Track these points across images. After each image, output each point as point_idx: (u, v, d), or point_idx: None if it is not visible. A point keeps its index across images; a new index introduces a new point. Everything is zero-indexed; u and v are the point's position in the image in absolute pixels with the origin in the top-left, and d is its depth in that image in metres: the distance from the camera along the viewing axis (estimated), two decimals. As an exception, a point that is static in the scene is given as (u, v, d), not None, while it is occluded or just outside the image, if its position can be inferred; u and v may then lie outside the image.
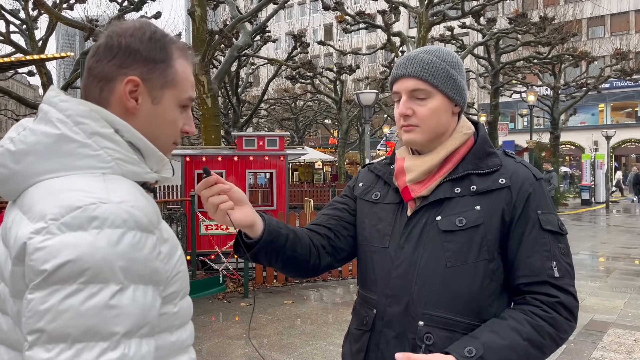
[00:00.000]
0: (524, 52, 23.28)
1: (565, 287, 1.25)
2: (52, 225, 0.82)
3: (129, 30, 1.00)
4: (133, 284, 0.85)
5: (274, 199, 8.37)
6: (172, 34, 1.22)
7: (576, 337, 5.13)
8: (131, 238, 0.85)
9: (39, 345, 0.80)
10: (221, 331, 5.39)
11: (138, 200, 0.90)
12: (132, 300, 0.84)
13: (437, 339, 1.25)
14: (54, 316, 0.79)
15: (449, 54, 1.36)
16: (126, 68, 0.97)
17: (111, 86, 0.98)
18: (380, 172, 1.46)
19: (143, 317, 0.85)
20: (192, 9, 10.08)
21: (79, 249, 0.81)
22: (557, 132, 24.50)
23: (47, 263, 0.80)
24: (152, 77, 0.99)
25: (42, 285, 0.80)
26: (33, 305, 0.81)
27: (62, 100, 0.95)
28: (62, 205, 0.84)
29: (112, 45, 0.98)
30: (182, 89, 1.03)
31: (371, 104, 10.36)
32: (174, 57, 1.02)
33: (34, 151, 0.91)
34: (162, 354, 0.95)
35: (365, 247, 1.41)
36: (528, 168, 1.35)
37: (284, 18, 48.60)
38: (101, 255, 0.82)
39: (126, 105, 0.98)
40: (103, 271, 0.81)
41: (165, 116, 1.02)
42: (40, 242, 0.82)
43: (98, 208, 0.84)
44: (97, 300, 0.81)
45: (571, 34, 19.54)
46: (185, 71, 1.05)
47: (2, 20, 14.96)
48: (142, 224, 0.88)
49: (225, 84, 17.59)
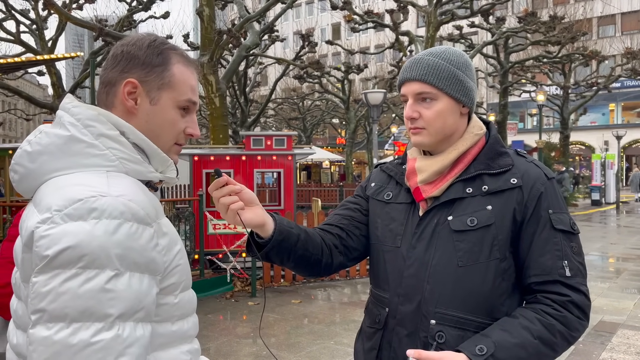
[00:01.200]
0: (534, 51, 23.15)
1: (576, 286, 1.25)
2: (56, 216, 0.90)
3: (132, 40, 1.10)
4: (129, 271, 0.91)
5: (281, 199, 8.38)
6: (180, 34, 1.29)
7: (585, 338, 5.09)
8: (127, 228, 0.92)
9: (41, 323, 0.87)
10: (229, 330, 5.42)
11: (137, 195, 0.97)
12: (127, 285, 0.90)
13: (449, 337, 1.25)
14: (54, 297, 0.87)
15: (455, 54, 1.36)
16: (127, 72, 1.07)
17: (115, 90, 1.08)
18: (392, 172, 1.47)
19: (138, 302, 0.92)
20: (200, 9, 10.11)
21: (78, 237, 0.88)
22: (566, 131, 24.35)
23: (49, 249, 0.88)
24: (150, 79, 1.07)
25: (45, 269, 0.88)
26: (37, 287, 0.88)
27: (74, 105, 1.04)
28: (66, 198, 0.92)
29: (116, 54, 1.09)
30: (180, 91, 1.10)
31: (379, 104, 10.35)
32: (172, 62, 1.10)
33: (47, 151, 1.01)
34: (163, 341, 1.02)
35: (378, 247, 1.42)
36: (540, 167, 1.35)
37: (292, 17, 48.64)
38: (98, 243, 0.89)
39: (126, 106, 1.07)
40: (100, 257, 0.88)
41: (164, 116, 1.09)
42: (45, 231, 0.90)
43: (97, 200, 0.91)
44: (93, 284, 0.87)
45: (581, 33, 19.40)
46: (184, 75, 1.11)
47: (13, 20, 15.10)
48: (139, 216, 0.94)
49: (233, 84, 17.64)
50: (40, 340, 0.86)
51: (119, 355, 0.88)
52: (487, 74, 25.11)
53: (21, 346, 0.99)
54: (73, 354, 0.85)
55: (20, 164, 1.03)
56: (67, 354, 0.85)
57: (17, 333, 1.02)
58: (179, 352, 1.05)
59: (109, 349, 0.87)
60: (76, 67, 29.22)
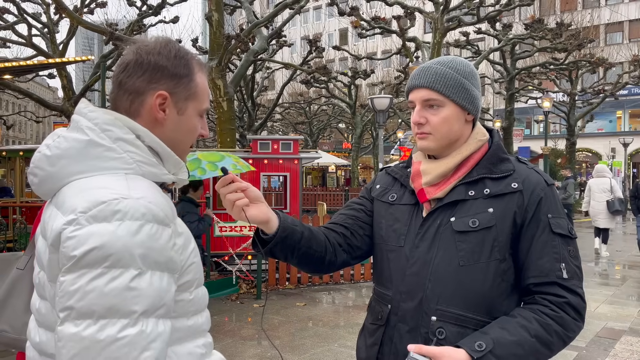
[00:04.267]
0: (540, 58, 23.13)
1: (573, 288, 1.30)
2: (81, 218, 0.94)
3: (156, 48, 1.11)
4: (150, 270, 0.95)
5: (287, 202, 8.44)
6: (189, 38, 1.35)
7: (588, 344, 5.11)
8: (149, 229, 0.96)
9: (69, 320, 0.91)
10: (234, 332, 5.46)
11: (156, 197, 1.02)
12: (149, 283, 0.94)
13: (449, 333, 1.30)
14: (82, 295, 0.91)
15: (462, 64, 1.42)
16: (155, 83, 1.10)
17: (142, 99, 1.10)
18: (397, 175, 1.53)
19: (159, 300, 0.96)
20: (209, 14, 10.23)
21: (103, 238, 0.92)
22: (573, 138, 24.27)
23: (76, 250, 0.92)
24: (178, 90, 1.11)
25: (72, 269, 0.92)
26: (64, 286, 0.92)
27: (90, 110, 1.07)
28: (90, 200, 0.96)
29: (142, 62, 1.10)
30: (202, 100, 1.16)
31: (385, 109, 10.39)
32: (195, 71, 1.15)
33: (67, 155, 1.04)
34: (180, 336, 1.07)
35: (382, 246, 1.47)
36: (540, 174, 1.40)
37: (299, 23, 48.79)
38: (122, 243, 0.93)
39: (155, 117, 1.10)
40: (124, 257, 0.92)
41: (189, 125, 1.15)
42: (71, 232, 0.94)
43: (120, 203, 0.95)
44: (118, 283, 0.92)
45: (588, 40, 19.36)
46: (204, 84, 1.17)
47: (25, 23, 15.28)
48: (159, 217, 0.99)
49: (241, 88, 17.75)
50: (70, 337, 0.90)
51: (144, 350, 0.92)
52: (494, 80, 25.10)
53: (44, 344, 1.03)
54: (101, 349, 0.89)
55: (40, 167, 1.06)
56: (96, 349, 0.89)
57: (39, 331, 1.05)
58: (195, 345, 1.10)
59: (134, 344, 0.91)
60: (86, 70, 29.44)
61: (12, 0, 14.55)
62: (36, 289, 1.10)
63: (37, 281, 1.08)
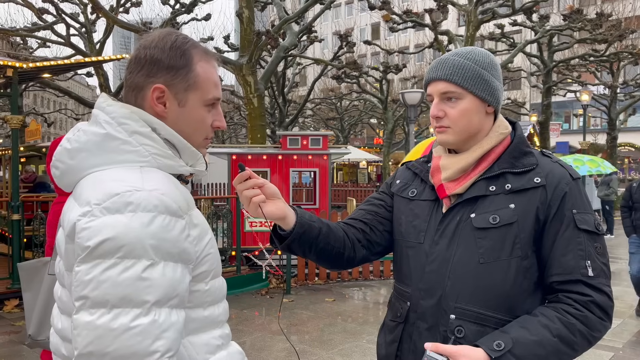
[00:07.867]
0: (579, 50, 22.39)
1: (599, 286, 1.25)
2: (95, 209, 0.96)
3: (153, 42, 1.11)
4: (163, 261, 0.96)
5: (316, 198, 8.46)
6: (221, 35, 1.32)
7: (625, 345, 4.94)
8: (161, 221, 0.97)
9: (84, 309, 0.93)
10: (263, 325, 5.52)
11: (169, 189, 1.02)
12: (161, 274, 0.96)
13: (468, 332, 1.27)
14: (96, 285, 0.93)
15: (481, 55, 1.38)
16: (153, 77, 1.10)
17: (143, 94, 1.11)
18: (418, 170, 1.50)
19: (172, 290, 0.97)
20: (240, 11, 10.32)
21: (116, 229, 0.94)
22: (614, 132, 23.43)
23: (90, 240, 0.94)
24: (176, 82, 1.10)
25: (87, 259, 0.94)
26: (79, 276, 0.94)
27: (108, 104, 1.09)
28: (104, 192, 0.98)
29: (140, 57, 1.11)
30: (206, 89, 1.13)
31: (416, 104, 10.26)
32: (195, 61, 1.12)
33: (86, 148, 1.07)
34: (196, 326, 1.08)
35: (401, 243, 1.45)
36: (564, 168, 1.35)
37: (330, 18, 48.74)
38: (134, 234, 0.94)
39: (155, 110, 1.10)
40: (136, 248, 0.94)
41: (193, 116, 1.13)
42: (85, 223, 0.96)
43: (133, 195, 0.97)
44: (131, 273, 0.93)
45: (630, 31, 18.61)
46: (207, 73, 1.14)
47: (63, 23, 15.77)
48: (172, 209, 0.99)
49: (272, 84, 17.86)
50: (84, 325, 0.92)
51: (156, 339, 0.93)
52: (530, 73, 24.45)
53: (66, 330, 1.06)
54: (114, 337, 0.91)
55: (61, 160, 1.09)
56: (109, 337, 0.91)
57: (61, 318, 1.08)
58: (211, 336, 1.10)
59: (147, 333, 0.92)
60: (122, 69, 30.17)
61: (50, 1, 15.03)
62: (57, 278, 1.13)
63: (58, 270, 1.12)
